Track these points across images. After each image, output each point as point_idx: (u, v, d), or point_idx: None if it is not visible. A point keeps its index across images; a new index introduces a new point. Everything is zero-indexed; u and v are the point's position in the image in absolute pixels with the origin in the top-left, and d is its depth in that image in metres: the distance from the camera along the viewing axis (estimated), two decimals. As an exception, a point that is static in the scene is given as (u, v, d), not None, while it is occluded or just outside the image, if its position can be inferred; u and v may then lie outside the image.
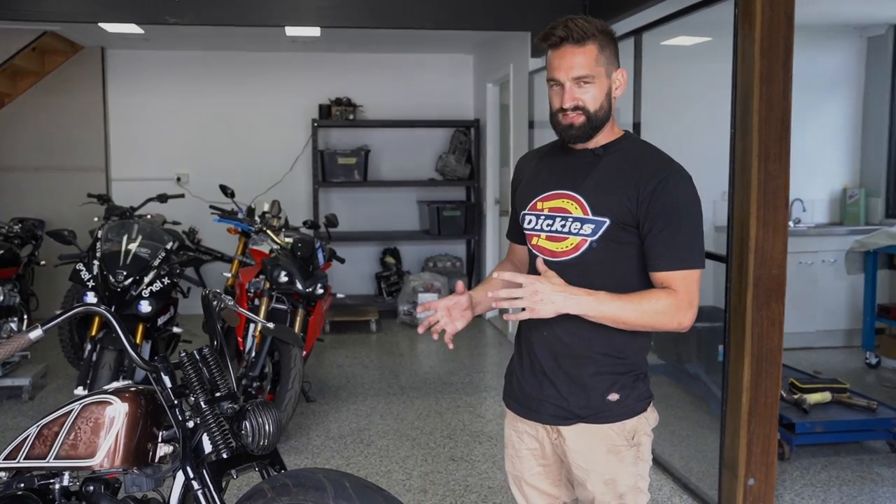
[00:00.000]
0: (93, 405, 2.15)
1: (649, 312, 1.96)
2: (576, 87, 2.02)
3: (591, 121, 2.04)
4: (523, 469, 2.26)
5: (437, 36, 7.29)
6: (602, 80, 2.03)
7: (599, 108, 2.04)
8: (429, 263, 8.42)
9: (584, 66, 1.99)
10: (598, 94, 2.03)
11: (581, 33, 1.99)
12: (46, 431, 2.16)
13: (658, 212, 1.98)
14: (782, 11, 3.26)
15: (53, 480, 2.22)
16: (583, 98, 2.02)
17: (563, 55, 2.02)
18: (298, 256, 4.77)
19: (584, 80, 2.00)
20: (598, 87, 2.02)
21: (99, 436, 2.11)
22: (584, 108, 2.03)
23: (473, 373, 6.25)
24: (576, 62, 2.00)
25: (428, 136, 8.56)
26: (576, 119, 2.04)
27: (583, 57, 1.99)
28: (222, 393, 2.20)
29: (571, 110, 2.03)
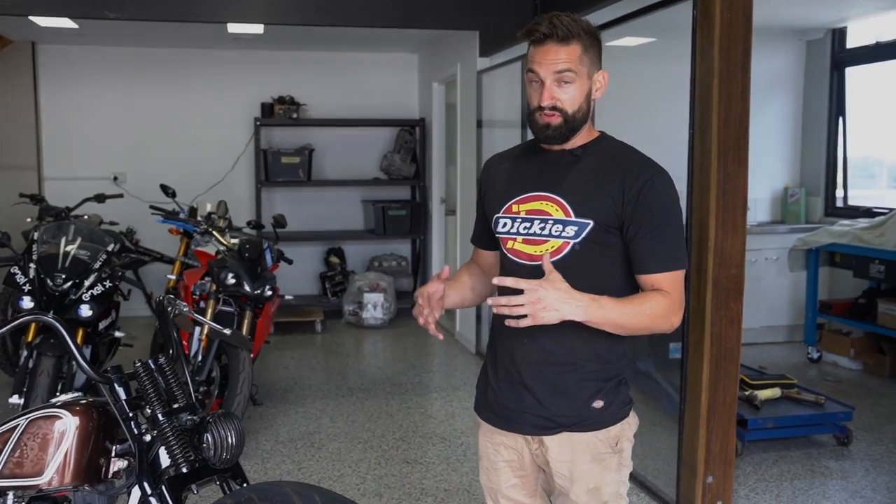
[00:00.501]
0: (40, 420, 2.02)
1: (650, 315, 1.93)
2: (555, 86, 1.97)
3: (568, 122, 1.99)
4: (500, 481, 2.19)
5: (382, 35, 7.19)
6: (583, 81, 1.98)
7: (577, 110, 1.99)
8: (374, 263, 8.32)
9: (567, 61, 1.95)
10: (577, 94, 1.98)
11: (566, 31, 1.94)
12: (-10, 448, 2.02)
13: (645, 213, 1.94)
14: (741, 12, 3.27)
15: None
16: (561, 98, 1.97)
17: (545, 52, 1.97)
18: (246, 258, 4.63)
19: (565, 77, 1.95)
20: (577, 88, 1.97)
21: (47, 452, 1.98)
22: (561, 108, 1.98)
23: (422, 373, 6.18)
24: (559, 58, 1.95)
25: (372, 136, 8.46)
26: (552, 119, 1.99)
27: (566, 54, 1.95)
28: (180, 404, 2.09)
29: (549, 109, 1.98)
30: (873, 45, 6.66)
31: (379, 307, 7.60)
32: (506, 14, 5.30)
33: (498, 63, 6.11)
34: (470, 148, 6.76)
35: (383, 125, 8.36)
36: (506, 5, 5.27)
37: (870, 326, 5.88)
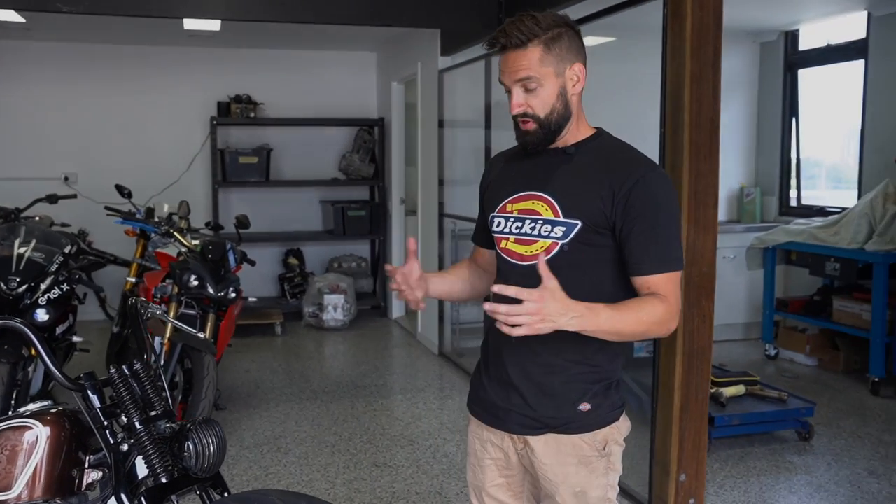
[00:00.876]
0: (8, 431, 1.93)
1: (646, 322, 1.86)
2: (523, 92, 1.93)
3: (544, 126, 1.95)
4: (485, 479, 2.16)
5: (340, 33, 7.11)
6: (550, 81, 1.92)
7: (551, 112, 1.94)
8: (333, 264, 8.24)
9: (526, 69, 1.90)
10: (547, 97, 1.92)
11: (521, 37, 1.88)
12: (-44, 462, 1.92)
13: (636, 212, 1.89)
14: (711, 12, 3.29)
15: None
16: (531, 104, 1.93)
17: (506, 60, 1.94)
18: (209, 259, 4.53)
19: (528, 83, 1.91)
20: (546, 90, 1.92)
21: (16, 465, 1.89)
22: (533, 114, 1.94)
23: (386, 375, 6.13)
24: (518, 65, 1.90)
25: (331, 135, 8.38)
26: (528, 126, 1.96)
27: (525, 59, 1.90)
28: (157, 411, 2.01)
29: (521, 117, 1.95)
30: (824, 48, 6.80)
31: (339, 309, 7.52)
32: (468, 12, 5.26)
33: (460, 62, 6.09)
34: (431, 148, 6.72)
35: (342, 125, 8.28)
36: (468, 4, 5.24)
37: (825, 323, 5.99)
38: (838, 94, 6.81)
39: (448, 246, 6.62)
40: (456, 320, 6.74)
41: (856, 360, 5.92)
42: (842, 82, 6.74)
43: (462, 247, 6.71)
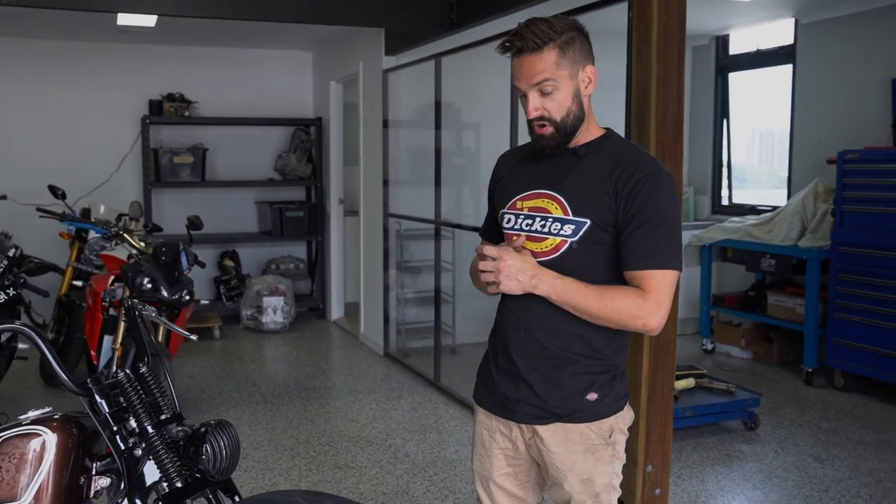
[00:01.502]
0: (15, 438, 1.85)
1: (610, 308, 1.92)
2: (539, 96, 1.97)
3: (560, 130, 1.99)
4: (492, 468, 2.19)
5: (275, 31, 7.00)
6: (566, 84, 1.97)
7: (567, 115, 1.99)
8: (271, 266, 8.12)
9: (542, 72, 1.94)
10: (563, 99, 1.97)
11: (536, 41, 1.93)
12: (-45, 473, 1.84)
13: (636, 210, 1.94)
14: (675, 15, 3.38)
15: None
16: (547, 108, 1.98)
17: (521, 64, 1.97)
18: (162, 261, 4.41)
19: (545, 86, 1.95)
20: (562, 93, 1.97)
21: (24, 474, 1.83)
22: (549, 118, 1.98)
23: (333, 376, 6.08)
24: (535, 69, 1.95)
25: (266, 135, 8.26)
26: (545, 130, 2.00)
27: (541, 63, 1.94)
28: (167, 415, 1.97)
29: (538, 121, 1.99)
30: (754, 53, 7.08)
31: (279, 311, 7.42)
32: (419, 13, 5.26)
33: (408, 62, 6.09)
34: (375, 148, 6.70)
35: (278, 124, 8.17)
36: (418, 4, 5.24)
37: (759, 317, 6.23)
38: (768, 97, 7.10)
39: (393, 246, 6.61)
40: (401, 321, 6.74)
41: (788, 352, 6.19)
42: (771, 86, 7.02)
43: (407, 246, 6.72)
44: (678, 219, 2.02)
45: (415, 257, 6.80)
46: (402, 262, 6.69)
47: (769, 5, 6.28)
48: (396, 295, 6.68)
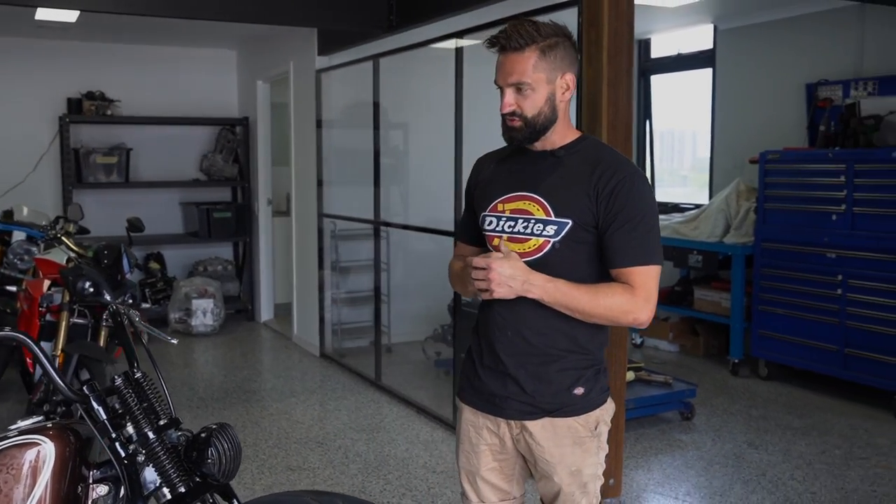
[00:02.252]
0: (12, 449, 1.80)
1: (603, 306, 2.01)
2: (514, 93, 2.03)
3: (529, 126, 2.05)
4: (479, 464, 2.24)
5: (199, 29, 6.85)
6: (542, 87, 2.03)
7: (538, 114, 2.05)
8: (198, 267, 7.96)
9: (519, 72, 2.00)
10: (537, 100, 2.03)
11: (520, 41, 2.00)
12: (-53, 488, 1.77)
13: (617, 210, 2.02)
14: (625, 21, 3.51)
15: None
16: (521, 105, 2.03)
17: (502, 62, 2.04)
18: (105, 265, 4.29)
19: (520, 86, 2.02)
20: (537, 94, 2.03)
21: (23, 485, 1.77)
22: (521, 114, 2.04)
23: (271, 378, 6.02)
24: (514, 69, 2.01)
25: (191, 135, 8.08)
26: (514, 124, 2.06)
27: (520, 64, 2.00)
28: (165, 420, 1.95)
29: (509, 115, 2.05)
30: (675, 56, 7.34)
31: (209, 313, 7.29)
32: (358, 13, 5.25)
33: (345, 62, 6.06)
34: (308, 148, 6.66)
35: (203, 124, 8.01)
36: (358, 5, 5.23)
37: (686, 311, 6.48)
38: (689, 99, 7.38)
39: (328, 245, 6.59)
40: (337, 321, 6.72)
41: (714, 344, 6.46)
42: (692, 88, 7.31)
43: (343, 246, 6.71)
44: (656, 216, 2.11)
45: (349, 257, 6.80)
46: (336, 263, 6.67)
47: (689, 11, 6.53)
48: (331, 295, 6.66)
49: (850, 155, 5.22)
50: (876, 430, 4.77)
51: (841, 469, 4.21)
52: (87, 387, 1.90)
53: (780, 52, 6.26)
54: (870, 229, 5.09)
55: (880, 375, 5.09)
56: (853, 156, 5.19)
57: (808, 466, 4.25)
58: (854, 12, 5.61)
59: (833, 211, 5.27)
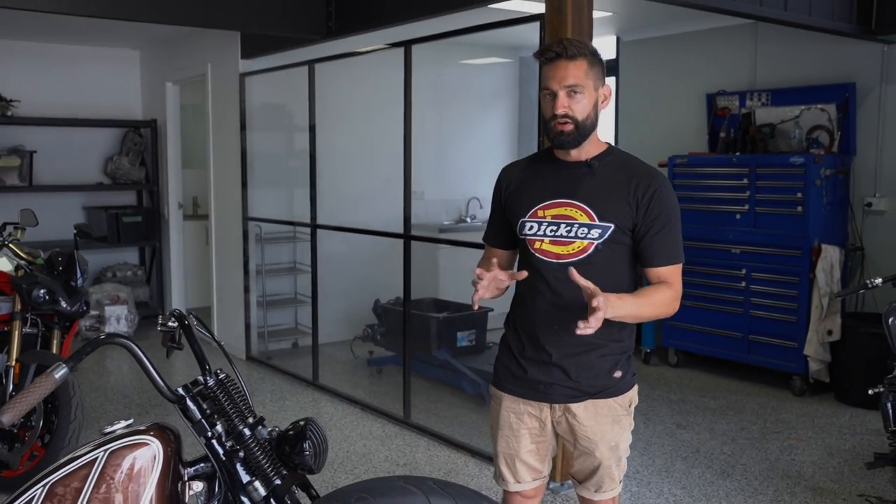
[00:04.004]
0: (123, 450, 1.87)
1: (658, 304, 2.28)
2: (566, 97, 2.26)
3: (580, 129, 2.29)
4: (520, 447, 2.46)
5: (100, 27, 6.61)
6: (590, 93, 2.28)
7: (586, 118, 2.29)
8: (106, 273, 7.73)
9: (574, 76, 2.25)
10: (586, 104, 2.28)
11: (574, 50, 2.25)
12: (62, 490, 1.83)
13: (654, 216, 2.29)
14: (587, 35, 3.81)
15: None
16: (573, 108, 2.26)
17: (556, 68, 2.26)
18: (60, 272, 4.20)
19: (574, 89, 2.25)
20: (587, 98, 2.27)
21: (138, 483, 1.85)
22: (573, 116, 2.27)
23: (203, 384, 5.98)
24: (569, 73, 2.25)
25: (93, 137, 7.84)
26: (566, 127, 2.28)
27: (575, 70, 2.25)
28: (254, 418, 2.06)
29: (562, 118, 2.27)
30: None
31: (123, 320, 7.13)
32: (296, 19, 5.30)
33: (273, 66, 6.09)
34: (229, 151, 6.63)
35: (108, 125, 7.79)
36: (298, 10, 5.29)
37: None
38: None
39: (253, 248, 6.59)
40: (262, 324, 6.74)
41: (624, 335, 6.90)
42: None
43: (269, 249, 6.74)
44: (680, 217, 2.39)
45: (274, 260, 6.83)
46: (262, 266, 6.69)
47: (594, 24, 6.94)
48: (257, 298, 6.67)
49: (751, 160, 5.76)
50: (781, 408, 5.31)
51: (761, 443, 4.68)
52: (183, 388, 1.99)
53: (681, 63, 6.77)
54: (770, 227, 5.64)
55: (780, 358, 5.65)
56: (755, 160, 5.73)
57: (733, 442, 4.70)
58: (748, 29, 6.17)
59: (737, 210, 5.80)
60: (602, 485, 2.45)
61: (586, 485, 2.47)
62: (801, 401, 5.45)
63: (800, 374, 5.53)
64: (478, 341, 5.87)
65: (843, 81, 5.73)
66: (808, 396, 5.51)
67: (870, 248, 5.75)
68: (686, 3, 4.31)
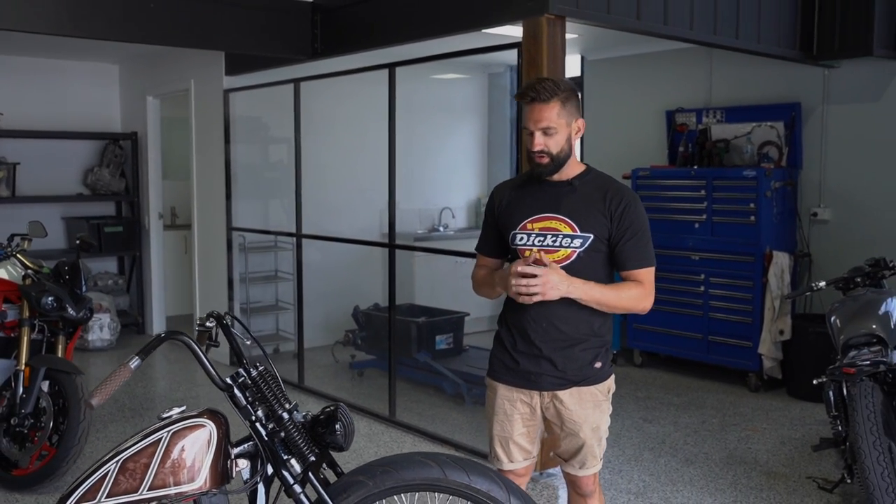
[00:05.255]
0: (185, 430, 2.16)
1: (625, 297, 2.66)
2: (542, 135, 2.63)
3: (554, 160, 2.66)
4: (513, 430, 2.80)
5: (80, 42, 6.77)
6: (563, 129, 2.64)
7: (560, 151, 2.66)
8: (88, 283, 7.88)
9: (547, 119, 2.61)
10: (560, 139, 2.64)
11: (547, 94, 2.60)
12: (132, 465, 2.12)
13: (626, 226, 2.66)
14: (560, 61, 4.18)
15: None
16: (547, 144, 2.63)
17: (532, 111, 2.64)
18: (66, 280, 4.44)
19: (548, 130, 2.62)
20: (560, 134, 2.64)
21: (198, 459, 2.14)
22: (548, 151, 2.64)
23: (193, 387, 6.24)
24: (542, 117, 2.61)
25: (72, 148, 8.01)
26: (542, 160, 2.66)
27: (548, 112, 2.61)
28: (291, 404, 2.35)
29: (539, 153, 2.65)
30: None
31: (105, 328, 7.33)
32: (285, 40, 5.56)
33: (258, 84, 6.35)
34: (213, 164, 6.87)
35: (89, 138, 7.98)
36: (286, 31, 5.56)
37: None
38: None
39: (237, 258, 6.85)
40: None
41: (590, 338, 7.28)
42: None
43: (252, 258, 7.00)
44: (648, 226, 2.76)
45: (256, 269, 7.09)
46: (246, 274, 6.95)
47: (561, 43, 7.35)
48: (240, 305, 6.92)
49: (709, 173, 6.19)
50: (739, 403, 5.73)
51: (720, 434, 5.08)
52: (230, 377, 2.28)
53: (642, 82, 7.19)
54: (726, 235, 6.07)
55: (736, 357, 6.08)
56: (712, 174, 6.16)
57: (695, 434, 5.09)
58: (704, 52, 6.60)
59: (695, 220, 6.22)
60: (586, 462, 2.79)
61: (571, 462, 2.82)
62: (756, 396, 5.88)
63: (755, 371, 5.96)
64: (455, 344, 6.20)
65: (790, 101, 6.19)
66: (763, 392, 5.95)
67: (816, 254, 6.21)
68: (648, 33, 4.70)
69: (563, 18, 4.16)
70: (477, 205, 8.50)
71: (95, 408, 2.14)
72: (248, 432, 2.30)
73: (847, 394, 3.62)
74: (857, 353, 3.69)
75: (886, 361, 3.61)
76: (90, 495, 2.11)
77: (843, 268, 4.63)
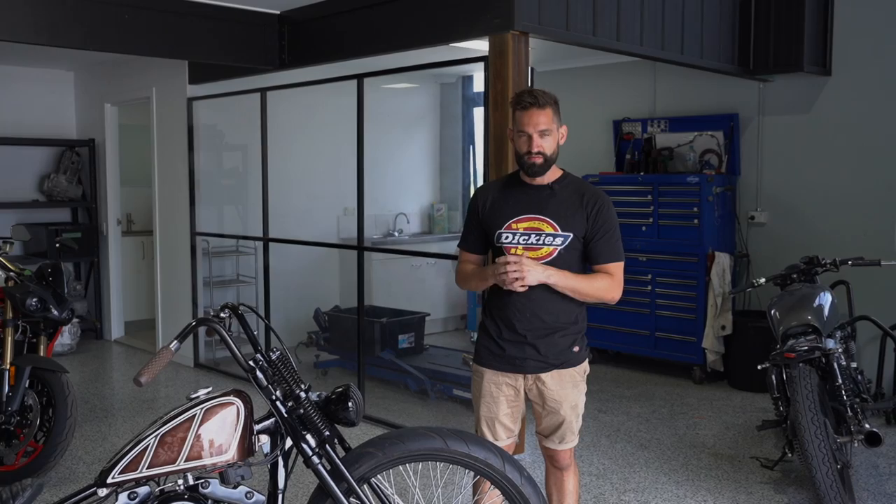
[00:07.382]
0: (217, 408, 2.38)
1: (595, 287, 2.97)
2: (539, 138, 2.93)
3: (547, 161, 2.97)
4: (498, 411, 3.08)
5: (33, 49, 6.81)
6: (555, 133, 2.97)
7: (552, 153, 2.98)
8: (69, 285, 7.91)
9: (545, 122, 2.92)
10: (552, 141, 2.96)
11: (543, 101, 2.93)
12: (170, 439, 2.34)
13: (599, 225, 2.98)
14: (524, 75, 4.48)
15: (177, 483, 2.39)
16: (543, 145, 2.94)
17: (530, 115, 2.93)
18: (49, 282, 4.57)
19: (545, 132, 2.93)
20: (552, 137, 2.96)
21: (229, 433, 2.36)
22: (543, 152, 2.95)
23: (163, 388, 6.35)
24: (540, 120, 2.92)
25: (29, 154, 8.04)
26: (537, 160, 2.96)
27: (544, 116, 2.93)
28: (306, 385, 2.59)
29: (535, 154, 2.94)
30: (495, 92, 8.48)
31: (66, 333, 7.37)
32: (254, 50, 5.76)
33: (223, 92, 6.52)
34: (176, 170, 7.00)
35: (44, 144, 8.02)
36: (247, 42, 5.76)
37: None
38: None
39: (201, 262, 6.99)
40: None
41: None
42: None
43: (217, 262, 7.14)
44: (618, 225, 3.08)
45: (218, 273, 7.24)
46: (209, 278, 7.09)
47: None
48: (204, 309, 7.06)
49: (654, 179, 6.59)
50: (685, 394, 6.12)
51: (670, 422, 5.45)
52: (252, 360, 2.50)
53: (590, 92, 7.57)
54: (671, 237, 6.48)
55: (681, 352, 6.48)
56: (657, 180, 6.57)
57: (646, 422, 5.45)
58: (649, 65, 7.01)
59: (643, 223, 6.61)
60: (565, 437, 3.10)
61: (552, 438, 3.12)
62: (701, 387, 6.29)
63: (699, 364, 6.37)
64: (416, 343, 6.46)
65: (729, 112, 6.64)
66: (707, 383, 6.36)
67: (753, 254, 6.66)
68: (603, 48, 5.04)
69: (527, 34, 4.47)
70: (431, 210, 8.78)
71: (144, 385, 2.34)
72: (265, 412, 2.53)
73: (787, 377, 4.00)
74: (796, 341, 4.09)
75: (821, 347, 4.00)
76: (132, 467, 2.31)
77: (779, 266, 5.06)
